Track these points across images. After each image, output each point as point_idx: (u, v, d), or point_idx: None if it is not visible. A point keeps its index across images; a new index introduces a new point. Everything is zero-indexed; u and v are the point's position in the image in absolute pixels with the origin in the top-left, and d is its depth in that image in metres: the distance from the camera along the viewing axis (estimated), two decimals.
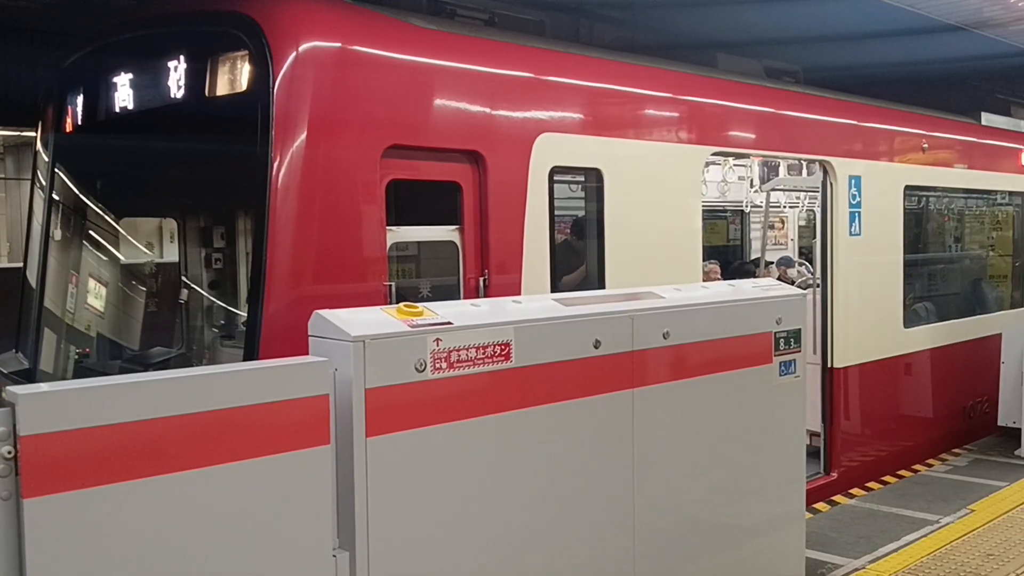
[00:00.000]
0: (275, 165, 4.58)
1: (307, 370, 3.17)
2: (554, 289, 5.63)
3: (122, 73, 5.52)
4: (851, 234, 8.12)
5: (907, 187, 8.97)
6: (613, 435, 4.16)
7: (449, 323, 3.55)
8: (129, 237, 6.55)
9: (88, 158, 6.28)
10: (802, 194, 12.53)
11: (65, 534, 2.61)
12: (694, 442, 4.55)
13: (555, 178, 5.70)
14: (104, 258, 6.49)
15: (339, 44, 4.90)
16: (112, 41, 5.90)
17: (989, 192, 11.00)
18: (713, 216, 13.11)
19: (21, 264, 6.99)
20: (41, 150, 6.61)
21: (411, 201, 5.18)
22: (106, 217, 6.47)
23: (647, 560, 4.30)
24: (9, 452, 2.52)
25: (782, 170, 9.36)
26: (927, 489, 8.00)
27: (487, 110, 5.39)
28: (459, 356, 3.53)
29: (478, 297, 5.18)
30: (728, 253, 13.63)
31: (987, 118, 10.73)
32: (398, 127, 4.97)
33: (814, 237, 8.05)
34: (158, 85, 5.23)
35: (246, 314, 4.87)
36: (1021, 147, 11.12)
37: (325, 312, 3.40)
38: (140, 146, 5.64)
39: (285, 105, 4.63)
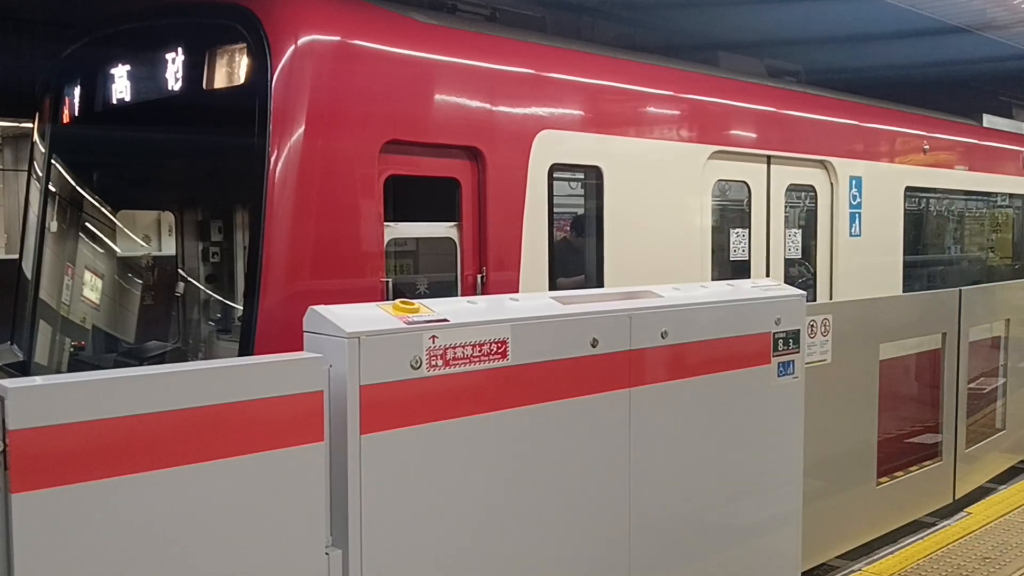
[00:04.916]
0: (273, 159, 4.55)
1: (301, 366, 3.14)
2: (552, 287, 5.60)
3: (120, 65, 5.50)
4: (851, 235, 8.11)
5: (908, 188, 8.95)
6: (610, 434, 4.13)
7: (445, 320, 3.52)
8: (126, 230, 6.52)
9: (85, 150, 6.25)
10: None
11: (54, 530, 2.58)
12: (691, 442, 4.53)
13: (555, 175, 5.68)
14: (100, 251, 6.46)
15: (338, 38, 4.87)
16: (110, 32, 5.87)
17: (990, 194, 10.98)
18: None
19: (17, 255, 6.97)
20: (38, 141, 6.58)
21: (409, 197, 5.15)
22: (103, 209, 6.44)
23: (643, 558, 4.28)
24: None
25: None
26: None
27: (487, 106, 5.36)
28: (455, 354, 3.50)
29: (476, 294, 5.15)
30: None
31: (989, 120, 10.71)
32: (397, 122, 4.94)
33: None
34: (156, 77, 5.21)
35: (242, 308, 4.85)
36: (1023, 149, 11.10)
37: (320, 308, 3.37)
38: (137, 138, 5.61)
39: (283, 99, 4.60)
